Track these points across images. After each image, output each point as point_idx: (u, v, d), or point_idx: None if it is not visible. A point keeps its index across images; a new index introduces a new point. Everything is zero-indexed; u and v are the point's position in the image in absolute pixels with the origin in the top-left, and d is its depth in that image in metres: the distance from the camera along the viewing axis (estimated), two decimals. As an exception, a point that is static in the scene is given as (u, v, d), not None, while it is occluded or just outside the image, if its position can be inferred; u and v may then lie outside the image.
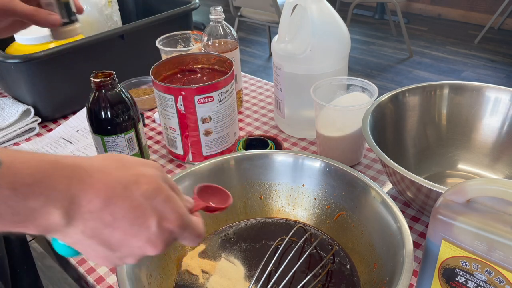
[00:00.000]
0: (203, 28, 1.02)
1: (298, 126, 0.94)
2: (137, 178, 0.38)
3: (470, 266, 0.45)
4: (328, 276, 0.60)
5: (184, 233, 0.40)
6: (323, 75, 0.84)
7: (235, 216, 0.69)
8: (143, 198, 0.37)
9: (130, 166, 0.39)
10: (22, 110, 1.00)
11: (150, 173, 0.39)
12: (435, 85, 0.80)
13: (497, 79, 3.01)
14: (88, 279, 0.66)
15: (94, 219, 0.36)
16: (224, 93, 0.81)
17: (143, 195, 0.37)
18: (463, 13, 3.91)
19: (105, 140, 0.69)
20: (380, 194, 0.59)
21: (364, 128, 0.70)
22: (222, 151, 0.86)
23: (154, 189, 0.38)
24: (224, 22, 0.96)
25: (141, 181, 0.38)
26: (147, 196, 0.38)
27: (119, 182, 0.37)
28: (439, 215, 0.45)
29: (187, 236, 0.41)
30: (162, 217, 0.38)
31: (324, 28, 0.84)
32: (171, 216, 0.39)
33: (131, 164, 0.39)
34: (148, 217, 0.37)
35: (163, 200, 0.38)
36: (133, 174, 0.38)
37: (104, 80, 0.67)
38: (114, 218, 0.36)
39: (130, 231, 0.37)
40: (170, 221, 0.39)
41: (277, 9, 2.77)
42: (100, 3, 1.20)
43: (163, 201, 0.38)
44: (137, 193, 0.37)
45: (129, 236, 0.37)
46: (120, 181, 0.37)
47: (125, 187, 0.37)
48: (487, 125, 0.78)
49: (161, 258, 0.60)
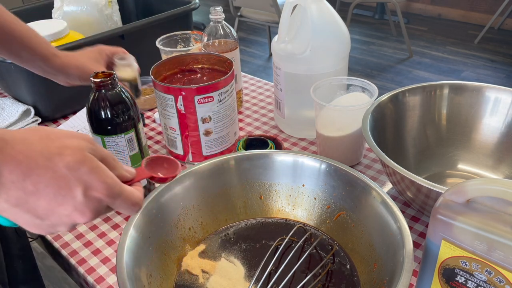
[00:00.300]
0: (203, 28, 1.02)
1: (298, 126, 0.94)
2: (61, 150, 0.39)
3: (470, 266, 0.45)
4: (328, 276, 0.60)
5: (116, 201, 0.42)
6: (323, 75, 0.84)
7: (235, 216, 0.69)
8: (66, 169, 0.39)
9: (55, 138, 0.40)
10: (22, 110, 1.00)
11: (75, 144, 0.40)
12: (435, 85, 0.80)
13: (497, 79, 3.01)
14: (88, 279, 0.66)
15: (16, 189, 0.38)
16: (224, 93, 0.81)
17: (66, 166, 0.39)
18: (463, 13, 3.91)
19: (105, 140, 0.69)
20: (380, 194, 0.59)
21: (364, 128, 0.70)
22: (222, 151, 0.86)
23: (78, 160, 0.39)
24: (224, 22, 0.96)
25: (64, 152, 0.39)
26: (71, 167, 0.39)
27: (41, 154, 0.39)
28: (439, 215, 0.45)
29: (120, 205, 0.42)
30: (88, 187, 0.40)
31: (324, 28, 0.84)
32: (98, 185, 0.40)
33: (57, 136, 0.41)
34: (73, 187, 0.39)
35: (88, 170, 0.40)
36: (57, 146, 0.40)
37: (104, 80, 0.67)
38: (36, 188, 0.38)
39: (55, 200, 0.39)
40: (97, 190, 0.40)
41: (277, 9, 2.77)
42: (100, 3, 1.20)
43: (88, 171, 0.40)
44: (60, 164, 0.39)
45: (55, 205, 0.39)
46: (42, 153, 0.39)
47: (48, 158, 0.39)
48: (487, 125, 0.78)
49: (161, 258, 0.60)
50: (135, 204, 0.44)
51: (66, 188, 0.39)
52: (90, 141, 0.42)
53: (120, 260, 0.51)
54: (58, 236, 0.73)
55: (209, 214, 0.67)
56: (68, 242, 0.72)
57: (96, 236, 0.73)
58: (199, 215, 0.66)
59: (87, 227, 0.74)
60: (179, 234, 0.64)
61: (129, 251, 0.53)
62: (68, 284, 1.60)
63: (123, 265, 0.51)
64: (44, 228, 0.41)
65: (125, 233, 0.55)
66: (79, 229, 0.74)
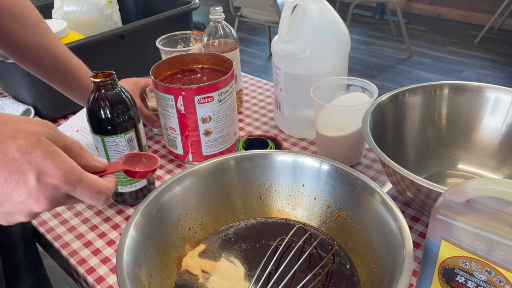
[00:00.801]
0: (203, 28, 1.02)
1: (298, 126, 0.94)
2: (14, 134, 0.38)
3: (470, 266, 0.45)
4: (328, 276, 0.60)
5: (76, 189, 0.40)
6: (323, 75, 0.84)
7: (235, 216, 0.69)
8: (18, 153, 0.38)
9: (10, 123, 0.39)
10: (22, 110, 1.00)
11: (31, 128, 0.39)
12: (435, 85, 0.81)
13: (497, 79, 3.01)
14: (88, 279, 0.66)
15: None
16: (224, 93, 0.81)
17: (19, 149, 0.38)
18: (463, 13, 3.91)
19: (105, 140, 0.69)
20: (380, 194, 0.59)
21: (364, 128, 0.70)
22: (222, 151, 0.86)
23: (31, 144, 0.38)
24: (224, 22, 0.96)
25: (17, 136, 0.38)
26: (23, 151, 0.38)
27: None
28: (439, 215, 0.45)
29: (81, 193, 0.41)
30: (42, 172, 0.38)
31: (324, 28, 0.84)
32: (53, 171, 0.39)
33: (13, 121, 0.40)
34: (25, 171, 0.38)
35: (41, 154, 0.38)
36: (11, 130, 0.38)
37: (104, 80, 0.66)
38: None
39: (7, 185, 0.38)
40: (52, 176, 0.39)
41: (277, 9, 2.77)
42: (100, 3, 1.20)
43: (41, 155, 0.38)
44: (12, 148, 0.38)
45: (8, 190, 0.38)
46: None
47: (0, 142, 0.37)
48: (487, 125, 0.78)
49: (161, 258, 0.60)
50: (99, 192, 0.42)
51: (18, 172, 0.38)
52: (51, 127, 0.41)
53: (120, 260, 0.51)
54: (58, 236, 0.73)
55: (209, 214, 0.67)
56: (68, 242, 0.72)
57: (96, 236, 0.73)
58: (199, 215, 0.66)
59: (87, 227, 0.74)
60: (179, 234, 0.64)
61: (129, 251, 0.53)
62: (68, 284, 1.60)
63: (123, 265, 0.51)
64: (1, 216, 0.40)
65: (125, 233, 0.55)
66: (79, 229, 0.74)
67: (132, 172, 0.49)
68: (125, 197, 0.77)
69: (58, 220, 0.76)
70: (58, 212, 0.78)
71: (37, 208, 0.39)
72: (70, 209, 0.78)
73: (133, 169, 0.48)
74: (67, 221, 0.76)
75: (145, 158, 0.51)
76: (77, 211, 0.78)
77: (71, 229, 0.74)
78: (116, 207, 0.78)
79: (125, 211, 0.77)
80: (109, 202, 0.79)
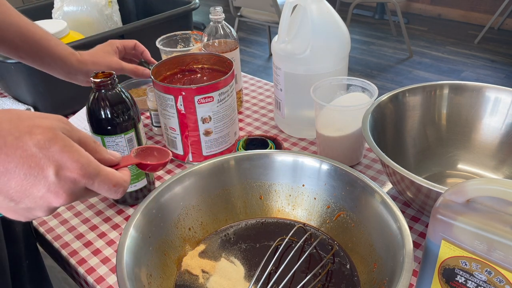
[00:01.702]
0: (203, 28, 1.02)
1: (298, 126, 0.94)
2: (31, 129, 0.38)
3: (470, 266, 0.45)
4: (328, 276, 0.60)
5: (94, 182, 0.40)
6: (323, 75, 0.84)
7: (235, 216, 0.69)
8: (36, 148, 0.38)
9: (26, 118, 0.39)
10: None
11: (47, 123, 0.39)
12: (435, 85, 0.81)
13: (497, 79, 3.01)
14: (88, 279, 0.66)
15: None
16: (224, 93, 0.81)
17: (37, 145, 0.38)
18: (463, 13, 3.91)
19: (105, 140, 0.69)
20: (380, 194, 0.59)
21: (364, 128, 0.70)
22: (222, 151, 0.86)
23: (48, 139, 0.38)
24: (224, 22, 0.96)
25: (35, 131, 0.38)
26: (41, 146, 0.38)
27: (10, 133, 0.38)
28: (439, 215, 0.45)
29: (99, 186, 0.41)
30: (61, 166, 0.38)
31: (324, 28, 0.84)
32: (71, 165, 0.39)
33: (28, 117, 0.40)
34: (44, 166, 0.38)
35: (59, 149, 0.38)
36: (27, 125, 0.38)
37: (104, 80, 0.67)
38: (5, 168, 0.37)
39: (27, 180, 0.38)
40: (70, 170, 0.39)
41: (277, 9, 2.77)
42: (100, 3, 1.20)
43: (59, 150, 0.38)
44: (30, 143, 0.38)
45: (28, 186, 0.38)
46: (11, 132, 0.38)
47: (17, 138, 0.37)
48: (487, 125, 0.78)
49: (161, 258, 0.60)
50: (116, 184, 0.42)
51: (37, 167, 0.38)
52: (65, 122, 0.41)
53: (120, 260, 0.51)
54: (58, 236, 0.73)
55: (209, 214, 0.67)
56: (68, 242, 0.72)
57: (96, 236, 0.73)
58: (199, 215, 0.66)
59: (87, 227, 0.74)
60: (179, 234, 0.64)
61: (129, 251, 0.53)
62: (68, 284, 1.60)
63: (123, 265, 0.51)
64: (20, 213, 0.40)
65: (125, 233, 0.55)
66: (79, 229, 0.74)
67: (144, 165, 0.49)
68: (125, 197, 0.77)
69: (58, 220, 0.76)
70: (58, 212, 0.78)
71: (57, 203, 0.39)
72: (70, 209, 0.79)
73: (145, 162, 0.49)
74: (67, 221, 0.76)
75: (156, 152, 0.51)
76: (77, 211, 0.78)
77: (71, 229, 0.74)
78: (116, 207, 0.78)
79: (125, 211, 0.77)
80: (109, 202, 0.79)
